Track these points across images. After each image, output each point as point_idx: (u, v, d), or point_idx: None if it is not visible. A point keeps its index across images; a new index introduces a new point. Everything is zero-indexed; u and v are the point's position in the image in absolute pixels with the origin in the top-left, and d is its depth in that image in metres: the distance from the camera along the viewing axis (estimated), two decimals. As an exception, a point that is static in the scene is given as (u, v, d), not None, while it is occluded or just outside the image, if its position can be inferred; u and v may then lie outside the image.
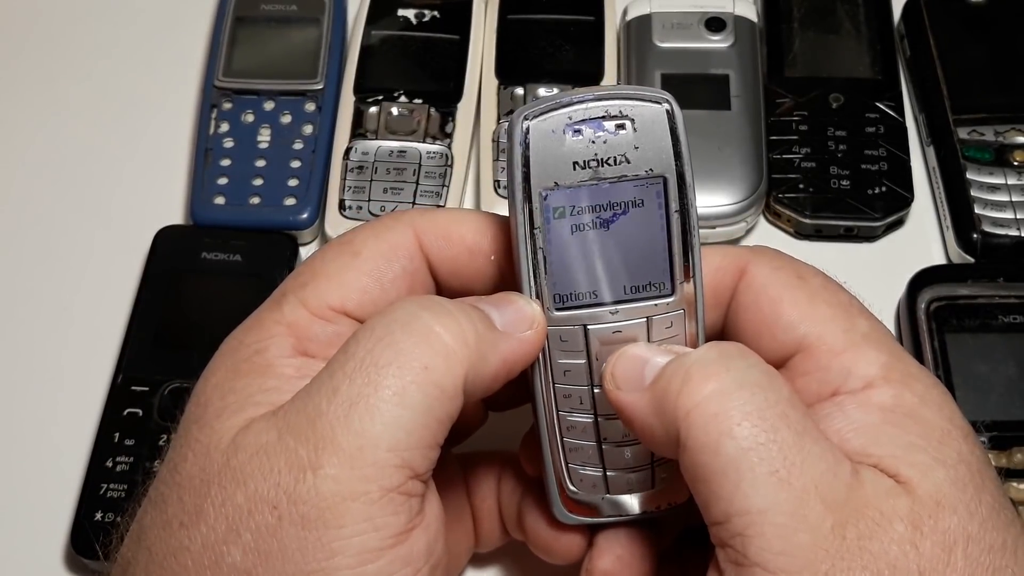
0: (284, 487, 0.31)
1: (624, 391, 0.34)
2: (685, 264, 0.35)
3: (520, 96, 0.57)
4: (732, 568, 0.31)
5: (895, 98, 0.57)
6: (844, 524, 0.30)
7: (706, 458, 0.31)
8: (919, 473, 0.32)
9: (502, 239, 0.37)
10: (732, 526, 0.31)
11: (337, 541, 0.31)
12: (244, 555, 0.31)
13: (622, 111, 0.33)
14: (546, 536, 0.39)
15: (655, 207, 0.34)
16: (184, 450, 0.33)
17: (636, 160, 0.33)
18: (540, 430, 0.37)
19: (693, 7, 0.59)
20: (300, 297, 0.35)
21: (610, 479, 0.38)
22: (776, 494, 0.30)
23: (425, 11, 0.60)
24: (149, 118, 0.60)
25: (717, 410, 0.31)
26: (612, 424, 0.37)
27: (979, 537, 0.31)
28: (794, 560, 0.30)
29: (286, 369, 0.34)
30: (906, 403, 0.33)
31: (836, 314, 0.35)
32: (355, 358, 0.32)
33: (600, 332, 0.35)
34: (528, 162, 0.33)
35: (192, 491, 0.32)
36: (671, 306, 0.35)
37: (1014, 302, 0.50)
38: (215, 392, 0.34)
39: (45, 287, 0.55)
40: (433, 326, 0.32)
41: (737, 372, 0.32)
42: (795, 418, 0.31)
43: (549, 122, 0.33)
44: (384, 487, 0.31)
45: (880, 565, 0.30)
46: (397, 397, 0.31)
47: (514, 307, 0.35)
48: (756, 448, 0.31)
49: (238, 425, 0.32)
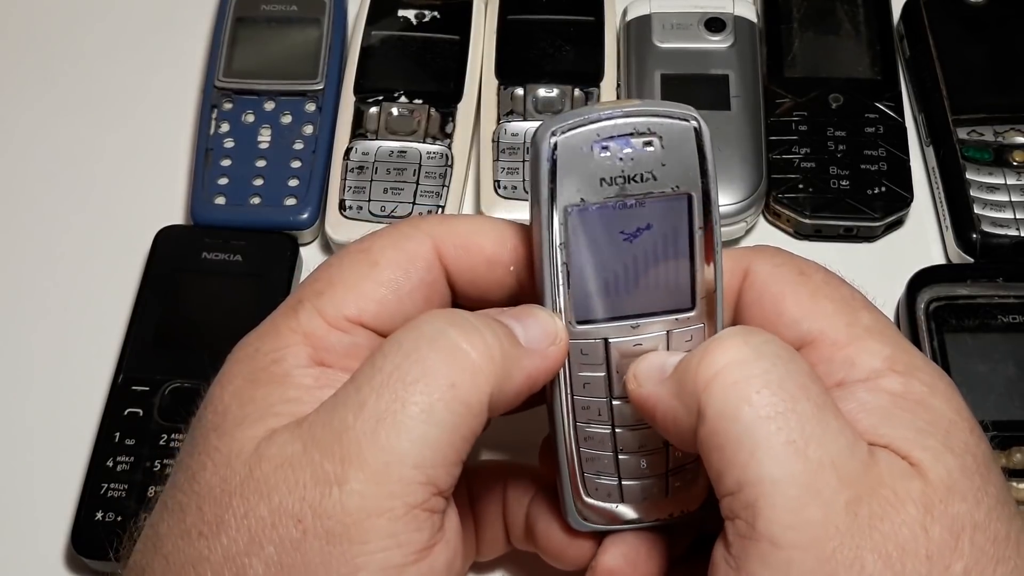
0: (309, 501, 0.31)
1: (645, 386, 0.34)
2: (707, 280, 0.35)
3: (520, 96, 0.57)
4: (739, 542, 0.31)
5: (895, 98, 0.57)
6: (858, 501, 0.30)
7: (724, 425, 0.31)
8: (931, 457, 0.31)
9: (522, 250, 0.36)
10: (744, 496, 0.30)
11: (361, 556, 0.30)
12: (266, 568, 0.31)
13: (650, 128, 0.33)
14: (559, 542, 0.39)
15: (680, 224, 0.34)
16: (203, 458, 0.33)
17: (663, 177, 0.33)
18: (556, 439, 0.37)
19: (693, 7, 0.59)
20: (317, 306, 0.35)
21: (625, 488, 0.38)
22: (791, 464, 0.30)
23: (425, 11, 0.60)
24: (149, 118, 0.60)
25: (737, 377, 0.31)
26: (629, 435, 0.37)
27: (985, 526, 0.31)
28: (803, 535, 0.30)
29: (305, 379, 0.34)
30: (914, 392, 0.34)
31: (838, 309, 0.36)
32: (382, 372, 0.32)
33: (620, 346, 0.35)
34: (555, 178, 0.33)
35: (212, 501, 0.32)
36: (691, 321, 0.35)
37: (1013, 302, 0.50)
38: (233, 400, 0.34)
39: (45, 287, 0.55)
40: (460, 343, 0.32)
41: (756, 344, 0.32)
42: (815, 391, 0.31)
43: (577, 138, 0.33)
44: (409, 504, 0.31)
45: (889, 546, 0.30)
46: (424, 414, 0.31)
47: (538, 322, 0.34)
48: (775, 417, 0.30)
49: (259, 435, 0.32)
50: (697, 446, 0.32)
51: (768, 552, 0.30)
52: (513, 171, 0.55)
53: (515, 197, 0.54)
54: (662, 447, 0.37)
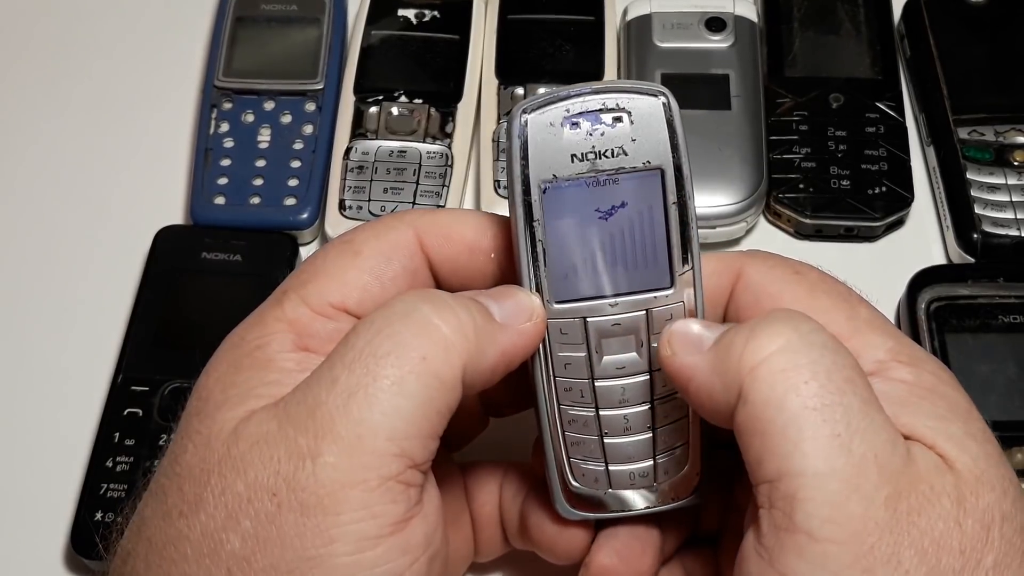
0: (284, 475, 0.31)
1: (680, 356, 0.34)
2: (683, 256, 0.35)
3: (520, 96, 0.57)
4: (774, 532, 0.30)
5: (895, 98, 0.57)
6: (898, 496, 0.30)
7: (769, 413, 0.31)
8: (956, 447, 0.31)
9: (502, 237, 0.37)
10: (783, 486, 0.30)
11: (335, 528, 0.31)
12: (243, 542, 0.31)
13: (619, 104, 0.33)
14: (549, 533, 0.39)
15: (653, 199, 0.34)
16: (184, 442, 0.33)
17: (633, 152, 0.34)
18: (541, 425, 0.37)
19: (693, 7, 0.59)
20: (301, 295, 0.35)
21: (612, 473, 0.38)
22: (836, 458, 0.30)
23: (425, 11, 0.60)
24: (149, 118, 0.60)
25: (786, 366, 0.31)
26: (613, 417, 0.37)
27: (1012, 516, 0.31)
28: (842, 530, 0.30)
29: (287, 363, 0.34)
30: (925, 381, 0.34)
31: (837, 304, 0.36)
32: (354, 349, 0.32)
33: (599, 324, 0.35)
34: (527, 155, 0.34)
35: (192, 480, 0.32)
36: (670, 299, 0.35)
37: (1014, 302, 0.50)
38: (216, 385, 0.34)
39: (45, 287, 0.55)
40: (432, 318, 0.33)
41: (805, 333, 0.32)
42: (861, 384, 0.31)
43: (547, 115, 0.34)
44: (382, 475, 0.31)
45: (926, 542, 0.30)
46: (396, 387, 0.31)
47: (513, 299, 0.35)
48: (821, 409, 0.30)
49: (239, 416, 0.33)
50: (734, 426, 0.32)
51: (805, 545, 0.30)
52: (513, 171, 0.55)
53: (515, 197, 0.54)
54: (648, 429, 0.37)
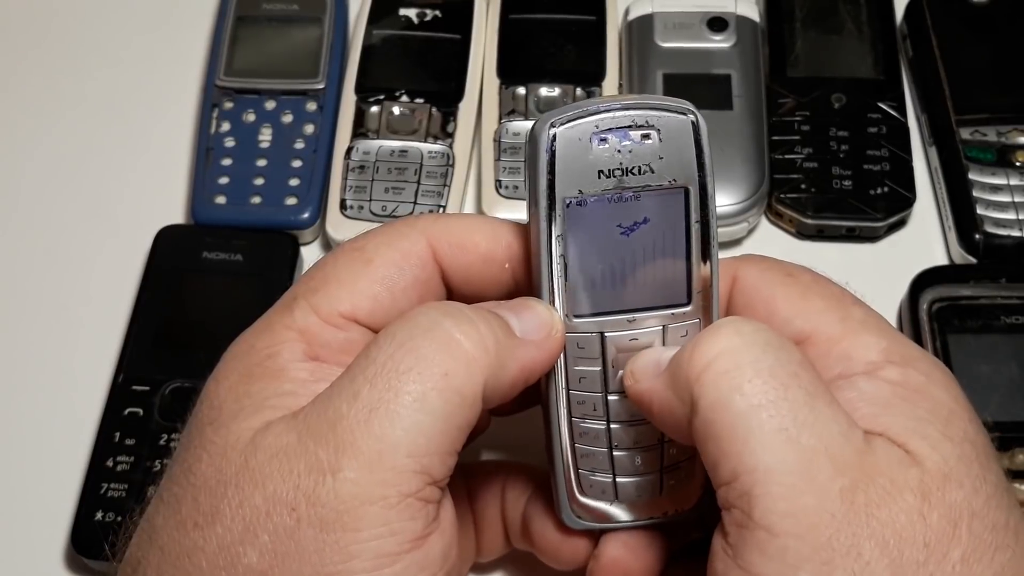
0: (303, 489, 0.31)
1: (641, 382, 0.34)
2: (703, 275, 0.35)
3: (522, 96, 0.57)
4: (736, 531, 0.31)
5: (897, 98, 0.57)
6: (854, 488, 0.30)
7: (716, 415, 0.31)
8: (928, 446, 0.31)
9: (516, 247, 0.36)
10: (739, 485, 0.30)
11: (354, 544, 0.31)
12: (260, 556, 0.31)
13: (648, 120, 0.33)
14: (553, 541, 0.39)
15: (676, 217, 0.34)
16: (199, 451, 0.33)
17: (660, 170, 0.33)
18: (551, 436, 0.37)
19: (695, 7, 0.59)
20: (311, 303, 0.35)
21: (619, 485, 0.38)
22: (784, 452, 0.30)
23: (426, 10, 0.60)
24: (150, 118, 0.60)
25: (728, 367, 0.31)
26: (624, 431, 0.37)
27: (983, 514, 0.31)
28: (798, 523, 0.30)
29: (300, 373, 0.34)
30: (913, 381, 0.34)
31: (830, 305, 0.36)
32: (376, 363, 0.32)
33: (617, 340, 0.35)
34: (554, 169, 0.33)
35: (208, 492, 0.32)
36: (687, 315, 0.35)
37: (1016, 303, 0.50)
38: (229, 395, 0.34)
39: (46, 286, 0.55)
40: (454, 333, 0.32)
41: (748, 334, 0.32)
42: (807, 379, 0.31)
43: (576, 130, 0.33)
44: (403, 492, 0.31)
45: (887, 534, 0.30)
46: (418, 403, 0.31)
47: (533, 313, 0.35)
48: (766, 405, 0.31)
49: (255, 427, 0.32)
50: (692, 438, 0.32)
51: (764, 540, 0.30)
52: (515, 171, 0.55)
53: (516, 197, 0.54)
54: (657, 444, 0.37)
